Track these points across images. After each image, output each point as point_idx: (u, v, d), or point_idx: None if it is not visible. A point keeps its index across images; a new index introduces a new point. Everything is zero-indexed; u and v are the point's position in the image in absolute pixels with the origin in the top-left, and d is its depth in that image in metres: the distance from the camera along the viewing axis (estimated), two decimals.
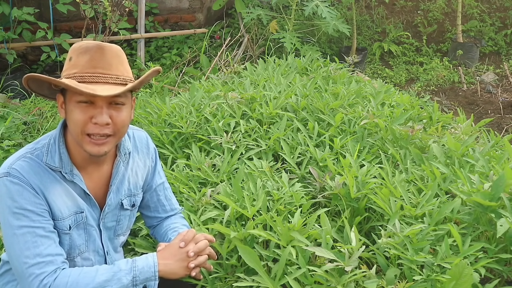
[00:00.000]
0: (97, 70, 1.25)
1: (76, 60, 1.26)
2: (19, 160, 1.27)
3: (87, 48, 1.26)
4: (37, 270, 1.21)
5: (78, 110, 1.24)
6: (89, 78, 1.23)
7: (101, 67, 1.25)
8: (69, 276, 1.23)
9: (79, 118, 1.24)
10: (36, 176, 1.26)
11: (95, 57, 1.25)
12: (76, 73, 1.24)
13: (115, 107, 1.27)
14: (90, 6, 4.16)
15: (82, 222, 1.36)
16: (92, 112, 1.24)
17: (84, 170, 1.36)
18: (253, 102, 2.57)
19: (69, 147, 1.33)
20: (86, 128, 1.25)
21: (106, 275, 1.24)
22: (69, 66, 1.27)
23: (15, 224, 1.23)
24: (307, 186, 1.94)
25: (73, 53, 1.28)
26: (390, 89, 2.95)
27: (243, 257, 1.44)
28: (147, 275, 1.28)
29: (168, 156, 2.24)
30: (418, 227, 1.51)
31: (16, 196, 1.23)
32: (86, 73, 1.24)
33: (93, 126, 1.25)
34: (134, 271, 1.26)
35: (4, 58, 4.86)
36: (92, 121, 1.24)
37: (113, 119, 1.27)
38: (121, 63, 1.29)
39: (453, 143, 2.05)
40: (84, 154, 1.32)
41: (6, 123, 3.12)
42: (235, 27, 5.82)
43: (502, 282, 1.54)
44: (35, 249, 1.22)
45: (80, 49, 1.26)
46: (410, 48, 5.94)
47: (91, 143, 1.26)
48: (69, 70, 1.26)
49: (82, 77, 1.23)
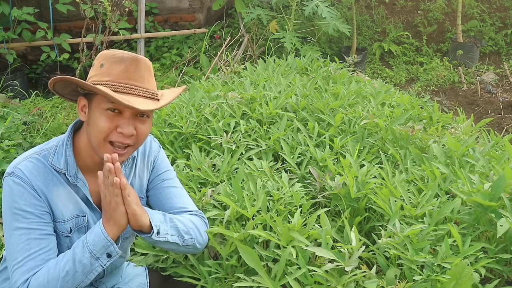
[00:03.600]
0: (130, 82, 1.26)
1: (109, 68, 1.26)
2: (25, 160, 1.28)
3: (122, 59, 1.26)
4: (20, 275, 1.22)
5: (104, 117, 1.25)
6: (122, 89, 1.24)
7: (134, 79, 1.26)
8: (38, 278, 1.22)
9: (105, 125, 1.25)
10: (40, 177, 1.27)
11: (130, 68, 1.26)
12: (109, 81, 1.25)
13: (140, 119, 1.29)
14: (90, 6, 4.15)
15: (83, 225, 1.36)
16: (118, 122, 1.26)
17: (89, 174, 1.36)
18: (253, 102, 2.57)
19: (78, 150, 1.33)
20: (109, 136, 1.26)
21: (68, 264, 1.22)
22: (100, 72, 1.27)
23: (13, 224, 1.24)
24: (307, 186, 1.94)
25: (106, 60, 1.27)
26: (390, 89, 2.95)
27: (243, 257, 1.44)
28: (102, 244, 1.23)
29: (168, 156, 2.24)
30: (418, 227, 1.51)
31: (17, 196, 1.24)
32: (119, 83, 1.25)
33: (117, 135, 1.26)
34: (87, 246, 1.23)
35: (4, 58, 4.86)
36: (117, 130, 1.26)
37: (137, 131, 1.29)
38: (151, 77, 1.32)
39: (453, 143, 2.05)
40: (96, 158, 1.32)
41: (6, 123, 3.11)
42: (235, 27, 5.82)
43: (502, 282, 1.54)
44: (25, 252, 1.23)
45: (114, 58, 1.27)
46: (410, 48, 5.93)
47: (111, 151, 1.26)
48: (101, 76, 1.26)
49: (115, 87, 1.24)
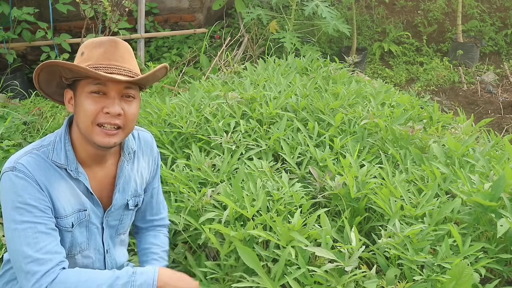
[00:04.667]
0: (111, 62, 1.26)
1: (89, 54, 1.27)
2: (25, 155, 1.27)
3: (101, 42, 1.28)
4: (35, 267, 1.20)
5: (90, 100, 1.25)
6: (103, 69, 1.24)
7: (115, 59, 1.27)
8: (65, 282, 1.21)
9: (91, 108, 1.25)
10: (42, 172, 1.26)
11: (109, 50, 1.27)
12: (90, 64, 1.25)
13: (126, 100, 1.29)
14: (90, 6, 4.15)
15: (85, 220, 1.36)
16: (104, 103, 1.25)
17: (89, 169, 1.36)
18: (253, 102, 2.57)
19: (75, 144, 1.33)
20: (97, 118, 1.25)
21: (105, 285, 1.22)
22: (80, 60, 1.28)
23: (18, 218, 1.22)
24: (307, 186, 1.93)
25: (85, 48, 1.29)
26: (390, 89, 2.95)
27: (242, 258, 1.44)
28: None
29: (168, 156, 2.24)
30: (418, 227, 1.51)
31: (21, 190, 1.23)
32: (100, 64, 1.25)
33: (105, 116, 1.26)
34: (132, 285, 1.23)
35: (4, 58, 4.86)
36: (103, 111, 1.25)
37: (124, 112, 1.28)
38: (132, 58, 1.32)
39: (453, 143, 2.05)
40: (90, 150, 1.33)
41: (6, 123, 3.11)
42: (235, 27, 5.82)
43: (502, 282, 1.54)
44: (35, 245, 1.22)
45: (93, 44, 1.28)
46: (410, 48, 5.93)
47: (101, 133, 1.26)
48: (82, 63, 1.26)
49: (97, 68, 1.24)
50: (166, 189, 1.98)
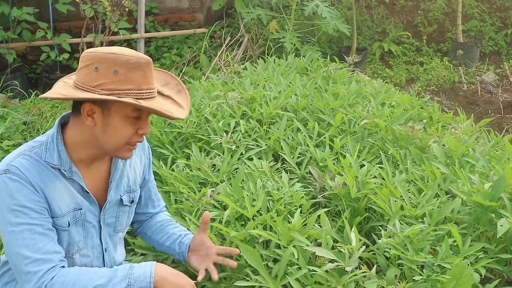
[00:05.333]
0: (149, 86, 1.27)
1: (127, 75, 1.21)
2: (18, 157, 1.27)
3: (139, 64, 1.22)
4: (35, 267, 1.21)
5: (128, 125, 1.28)
6: (145, 95, 1.25)
7: (151, 83, 1.28)
8: (66, 275, 1.23)
9: (129, 132, 1.29)
10: (36, 173, 1.26)
11: (147, 73, 1.25)
12: (132, 89, 1.22)
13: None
14: (90, 6, 4.15)
15: (81, 219, 1.36)
16: (138, 124, 1.30)
17: (83, 168, 1.36)
18: (253, 102, 2.57)
19: (68, 145, 1.33)
20: (131, 139, 1.30)
21: (103, 279, 1.24)
22: (115, 80, 1.21)
23: (14, 221, 1.22)
24: (307, 186, 1.93)
25: (119, 66, 1.21)
26: (390, 89, 2.95)
27: (245, 257, 1.44)
28: (141, 284, 1.26)
29: (168, 156, 2.24)
30: (418, 227, 1.51)
31: (15, 193, 1.23)
32: (141, 90, 1.25)
33: (138, 136, 1.31)
34: (129, 278, 1.25)
35: (4, 58, 4.86)
36: (138, 132, 1.30)
37: None
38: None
39: (453, 143, 2.05)
40: (91, 153, 1.34)
41: (6, 123, 3.11)
42: (235, 27, 5.82)
43: (502, 282, 1.54)
44: (33, 247, 1.22)
45: (130, 64, 1.21)
46: (410, 48, 5.93)
47: (128, 150, 1.33)
48: (118, 84, 1.21)
49: (140, 94, 1.24)
50: (166, 189, 1.98)
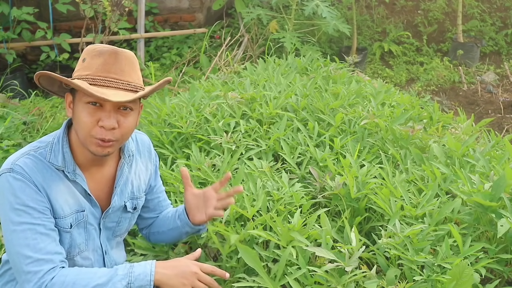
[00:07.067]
0: (109, 75, 1.25)
1: (90, 62, 1.26)
2: (22, 157, 1.27)
3: (101, 52, 1.26)
4: (36, 267, 1.21)
5: (86, 112, 1.25)
6: (100, 82, 1.24)
7: (113, 72, 1.26)
8: (66, 275, 1.23)
9: (86, 120, 1.25)
10: (39, 173, 1.27)
11: (108, 61, 1.26)
12: (89, 75, 1.25)
13: (123, 113, 1.28)
14: (90, 6, 4.15)
15: (83, 220, 1.36)
16: (99, 115, 1.25)
17: (87, 171, 1.36)
18: (253, 102, 2.57)
19: (73, 147, 1.34)
20: (92, 131, 1.25)
21: (103, 278, 1.24)
22: (81, 67, 1.28)
23: (16, 220, 1.23)
24: (307, 186, 1.93)
25: (87, 54, 1.28)
26: (390, 89, 2.95)
27: (243, 257, 1.43)
28: (142, 283, 1.25)
29: (168, 156, 2.24)
30: (419, 227, 1.51)
31: (19, 192, 1.23)
32: (98, 76, 1.25)
33: (99, 129, 1.25)
34: (129, 277, 1.25)
35: (4, 58, 4.85)
36: (98, 124, 1.25)
37: (119, 124, 1.27)
38: (133, 69, 1.30)
39: (453, 143, 2.04)
40: (88, 154, 1.33)
41: (6, 123, 3.11)
42: (235, 27, 5.81)
43: (502, 282, 1.54)
44: (35, 246, 1.22)
45: (94, 52, 1.27)
46: (411, 48, 5.93)
47: (96, 144, 1.27)
48: (82, 71, 1.27)
49: (94, 80, 1.24)
50: (166, 189, 1.97)
